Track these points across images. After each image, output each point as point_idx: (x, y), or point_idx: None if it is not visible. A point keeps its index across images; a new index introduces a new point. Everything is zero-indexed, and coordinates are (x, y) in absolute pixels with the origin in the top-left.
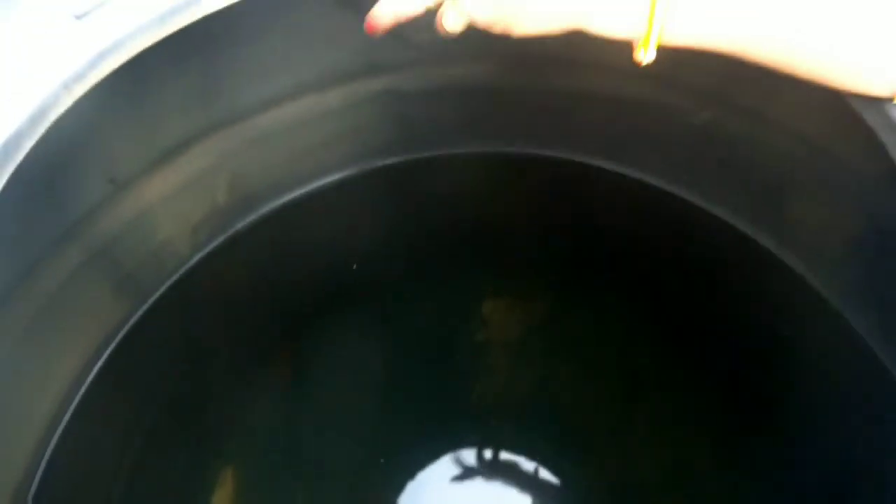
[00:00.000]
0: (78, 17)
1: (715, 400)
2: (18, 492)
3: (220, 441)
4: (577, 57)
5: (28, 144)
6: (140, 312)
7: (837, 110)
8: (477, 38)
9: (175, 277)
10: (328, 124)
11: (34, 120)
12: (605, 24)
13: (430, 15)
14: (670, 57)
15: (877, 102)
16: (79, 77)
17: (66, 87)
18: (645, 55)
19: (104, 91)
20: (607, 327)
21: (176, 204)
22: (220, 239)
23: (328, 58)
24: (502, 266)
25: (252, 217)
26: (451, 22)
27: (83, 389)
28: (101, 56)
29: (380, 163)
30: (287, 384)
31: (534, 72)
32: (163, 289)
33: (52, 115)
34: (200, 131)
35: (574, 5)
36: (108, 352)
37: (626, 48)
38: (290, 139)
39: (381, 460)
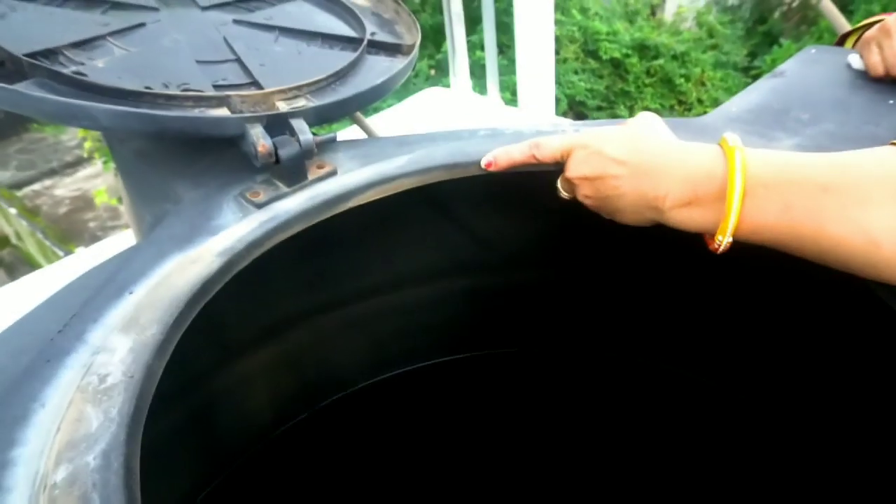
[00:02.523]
0: (258, 207)
1: None
2: None
3: None
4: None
5: (216, 289)
6: (219, 478)
7: None
8: (545, 249)
9: (258, 445)
10: (416, 315)
11: (223, 271)
12: (681, 221)
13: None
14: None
15: None
16: (257, 243)
17: (248, 249)
18: (722, 244)
19: (238, 275)
20: None
21: (271, 376)
22: (304, 414)
23: (421, 257)
24: (564, 467)
25: (336, 396)
26: (563, 192)
27: None
28: (271, 231)
29: (460, 354)
30: None
31: (593, 277)
32: (246, 455)
33: (237, 268)
34: (303, 313)
35: (651, 203)
36: None
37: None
38: (380, 327)
39: None
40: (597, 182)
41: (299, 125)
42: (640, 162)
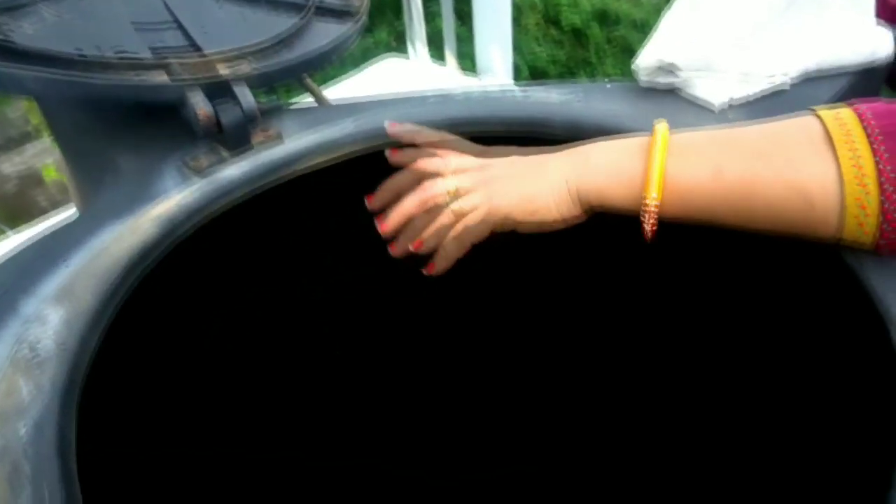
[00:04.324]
0: (200, 175)
1: None
2: None
3: None
4: None
5: (154, 255)
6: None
7: None
8: None
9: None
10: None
11: (162, 239)
12: (609, 190)
13: None
14: None
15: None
16: (197, 210)
17: (188, 216)
18: (649, 206)
19: (186, 247)
20: None
21: (238, 354)
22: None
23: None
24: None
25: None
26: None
27: None
28: (212, 197)
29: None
30: None
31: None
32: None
33: (176, 236)
34: (262, 291)
35: (577, 167)
36: None
37: None
38: (343, 313)
39: None
40: (523, 161)
41: (241, 91)
42: (572, 148)
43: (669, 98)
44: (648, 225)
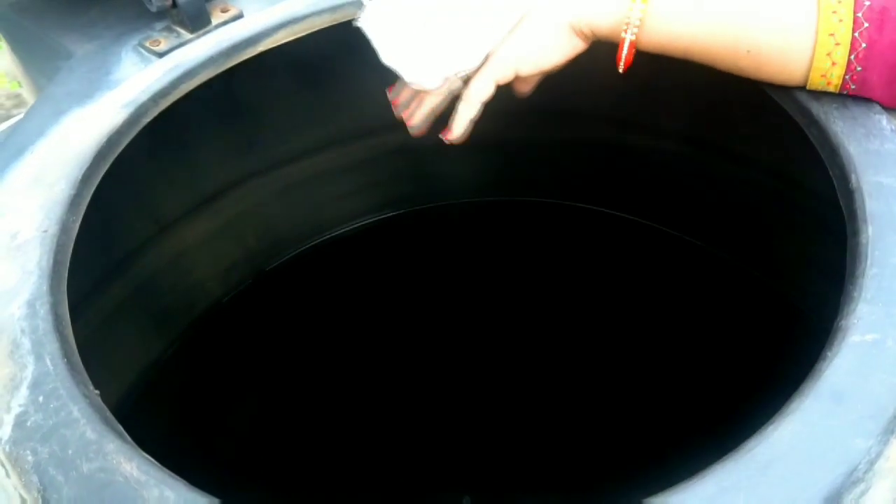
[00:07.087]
0: (160, 56)
1: None
2: None
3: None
4: (570, 108)
5: (125, 142)
6: (173, 347)
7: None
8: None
9: (207, 315)
10: (351, 175)
11: (130, 123)
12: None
13: None
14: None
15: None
16: (163, 92)
17: (154, 99)
18: (630, 24)
19: (156, 136)
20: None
21: (211, 246)
22: (249, 280)
23: (351, 115)
24: (506, 307)
25: (279, 261)
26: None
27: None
28: (177, 79)
29: (397, 211)
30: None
31: (532, 126)
32: (196, 325)
33: (145, 120)
34: (236, 180)
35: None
36: (141, 386)
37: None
38: (315, 189)
39: None
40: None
41: None
42: None
43: None
44: (628, 45)
